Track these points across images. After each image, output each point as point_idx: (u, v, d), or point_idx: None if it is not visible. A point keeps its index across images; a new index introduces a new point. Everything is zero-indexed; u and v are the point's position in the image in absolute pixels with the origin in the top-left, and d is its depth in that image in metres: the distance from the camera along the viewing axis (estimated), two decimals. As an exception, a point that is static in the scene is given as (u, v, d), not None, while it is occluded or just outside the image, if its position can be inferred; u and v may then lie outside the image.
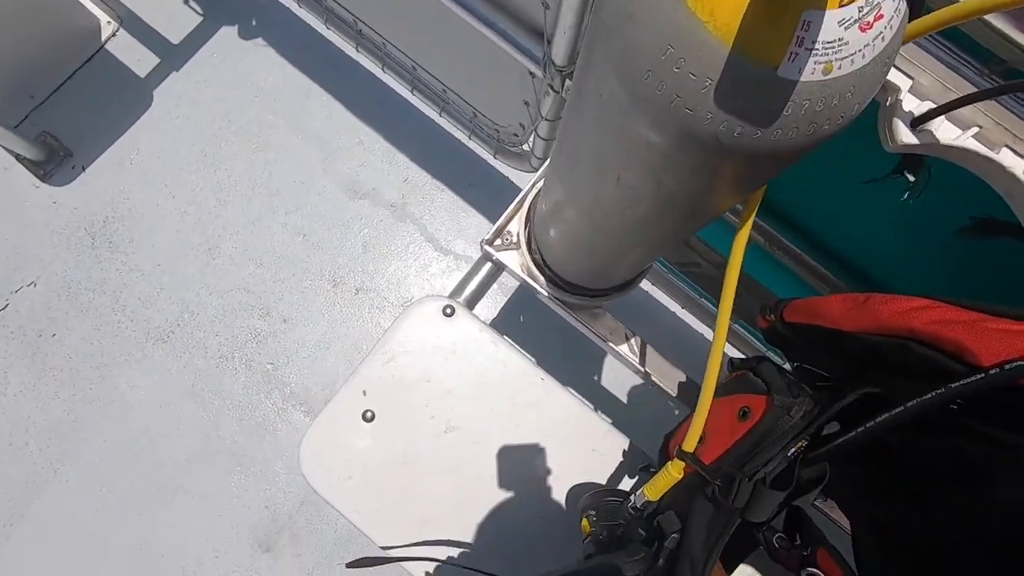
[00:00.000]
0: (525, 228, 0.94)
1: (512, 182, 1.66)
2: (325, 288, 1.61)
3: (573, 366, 1.53)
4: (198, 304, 1.58)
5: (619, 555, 0.60)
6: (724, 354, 0.55)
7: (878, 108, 0.52)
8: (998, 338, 0.39)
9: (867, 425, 0.48)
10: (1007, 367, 0.37)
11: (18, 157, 1.63)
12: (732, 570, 0.61)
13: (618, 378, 1.53)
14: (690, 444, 0.57)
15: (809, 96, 0.32)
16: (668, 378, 0.95)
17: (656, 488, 0.61)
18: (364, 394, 0.91)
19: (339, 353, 1.59)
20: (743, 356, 0.66)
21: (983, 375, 0.38)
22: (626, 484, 0.90)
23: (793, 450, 0.54)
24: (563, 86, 0.90)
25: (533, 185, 0.95)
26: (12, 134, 1.51)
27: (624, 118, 0.40)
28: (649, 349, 0.95)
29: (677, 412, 0.99)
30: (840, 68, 0.32)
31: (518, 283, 1.60)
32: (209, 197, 1.66)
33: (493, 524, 0.88)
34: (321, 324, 1.59)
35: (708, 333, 1.43)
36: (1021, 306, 0.41)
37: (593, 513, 0.68)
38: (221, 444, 1.51)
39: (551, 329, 1.44)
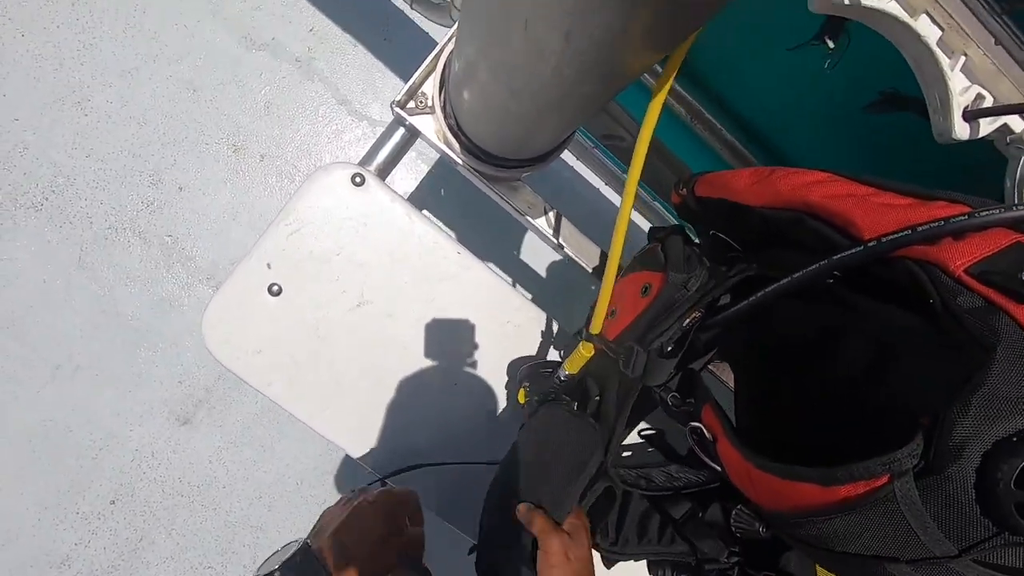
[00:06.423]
0: (440, 90, 0.86)
1: (432, 38, 1.50)
2: (225, 153, 1.45)
3: (493, 241, 1.52)
4: (74, 168, 1.39)
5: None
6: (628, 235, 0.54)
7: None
8: (882, 212, 0.40)
9: (751, 299, 0.50)
10: (884, 240, 0.39)
11: None
12: (633, 426, 0.66)
13: (538, 254, 1.54)
14: (595, 326, 0.59)
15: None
16: (585, 254, 0.96)
17: (573, 364, 0.64)
18: (268, 267, 0.86)
19: (247, 224, 1.47)
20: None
21: (862, 248, 0.39)
22: (553, 356, 0.94)
23: (688, 320, 0.56)
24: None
25: (449, 40, 0.85)
26: None
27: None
28: (567, 224, 0.94)
29: (593, 287, 1.02)
30: None
31: (439, 152, 1.52)
32: (69, 37, 1.39)
33: (407, 392, 0.90)
34: (223, 193, 1.45)
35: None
36: (922, 182, 0.41)
37: (527, 384, 0.70)
38: (121, 321, 1.42)
39: (472, 203, 1.40)
